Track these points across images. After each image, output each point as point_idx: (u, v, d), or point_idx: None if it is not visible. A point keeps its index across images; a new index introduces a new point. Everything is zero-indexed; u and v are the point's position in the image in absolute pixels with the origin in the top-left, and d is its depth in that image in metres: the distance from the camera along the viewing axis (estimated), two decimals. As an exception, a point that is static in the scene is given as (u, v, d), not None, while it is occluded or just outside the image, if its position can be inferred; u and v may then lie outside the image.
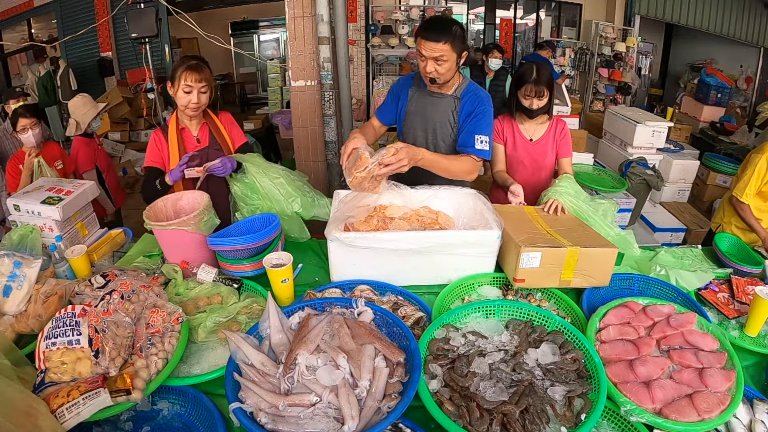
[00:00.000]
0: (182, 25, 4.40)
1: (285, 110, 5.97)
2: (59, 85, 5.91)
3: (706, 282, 1.57)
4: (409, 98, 1.92)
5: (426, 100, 1.88)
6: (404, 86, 1.95)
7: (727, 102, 6.43)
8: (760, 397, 1.13)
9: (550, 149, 2.12)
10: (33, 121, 2.48)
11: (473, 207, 1.69)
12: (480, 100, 1.82)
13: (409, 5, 6.13)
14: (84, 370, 1.02)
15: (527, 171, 2.15)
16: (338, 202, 1.66)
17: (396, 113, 1.98)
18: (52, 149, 2.66)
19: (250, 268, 1.52)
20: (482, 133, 1.79)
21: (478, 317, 1.32)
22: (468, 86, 1.86)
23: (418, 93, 1.90)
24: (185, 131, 1.91)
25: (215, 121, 1.96)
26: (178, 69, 1.77)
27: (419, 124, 1.90)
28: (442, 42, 1.64)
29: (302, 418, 0.95)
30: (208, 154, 1.90)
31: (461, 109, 1.83)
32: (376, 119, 2.03)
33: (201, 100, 1.80)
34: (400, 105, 1.95)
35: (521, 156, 2.13)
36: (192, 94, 1.77)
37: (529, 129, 2.12)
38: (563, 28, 7.49)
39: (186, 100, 1.79)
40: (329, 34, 2.91)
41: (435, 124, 1.88)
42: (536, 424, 0.95)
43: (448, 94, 1.85)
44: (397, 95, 1.97)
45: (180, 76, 1.76)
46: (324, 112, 3.10)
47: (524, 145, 2.12)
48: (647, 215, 3.76)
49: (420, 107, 1.89)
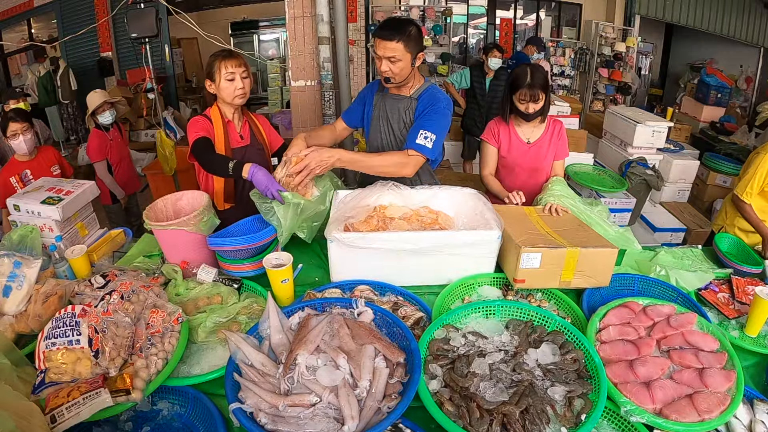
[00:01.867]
0: (182, 25, 4.40)
1: (285, 110, 5.97)
2: (59, 85, 5.91)
3: (706, 282, 1.57)
4: (374, 102, 1.93)
5: (387, 103, 1.89)
6: (371, 90, 1.96)
7: (727, 102, 6.42)
8: (760, 398, 1.13)
9: (548, 151, 2.09)
10: (25, 126, 2.36)
11: (473, 207, 1.69)
12: (435, 100, 1.77)
13: (409, 5, 6.14)
14: (84, 371, 1.02)
15: (524, 173, 2.12)
16: (338, 202, 1.66)
17: (362, 116, 1.99)
18: (47, 153, 2.59)
19: (250, 268, 1.52)
20: (429, 130, 1.70)
21: (478, 317, 1.32)
22: (427, 89, 1.83)
23: (381, 97, 1.91)
24: (230, 125, 1.87)
25: (255, 121, 1.96)
26: (215, 62, 1.75)
27: (383, 126, 1.91)
28: (395, 41, 1.64)
29: (302, 419, 0.95)
30: (250, 151, 1.89)
31: (416, 109, 1.82)
32: (341, 121, 2.03)
33: (246, 86, 1.78)
34: (366, 109, 1.96)
35: (517, 159, 2.10)
36: (236, 80, 1.75)
37: (526, 131, 2.10)
38: (563, 28, 7.49)
39: (232, 88, 1.75)
40: (329, 34, 2.91)
41: (395, 126, 1.89)
42: (536, 424, 0.95)
43: (406, 96, 1.85)
44: (363, 99, 1.98)
45: (219, 67, 1.73)
46: (324, 112, 3.10)
47: (521, 148, 2.09)
48: (647, 215, 3.76)
49: (383, 110, 1.90)
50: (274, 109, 6.86)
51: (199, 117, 1.83)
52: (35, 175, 2.39)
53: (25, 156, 2.42)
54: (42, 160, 2.50)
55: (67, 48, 6.52)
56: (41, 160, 2.49)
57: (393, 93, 1.87)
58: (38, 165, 2.45)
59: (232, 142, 1.85)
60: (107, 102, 3.13)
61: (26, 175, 2.41)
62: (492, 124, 2.13)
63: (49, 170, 2.52)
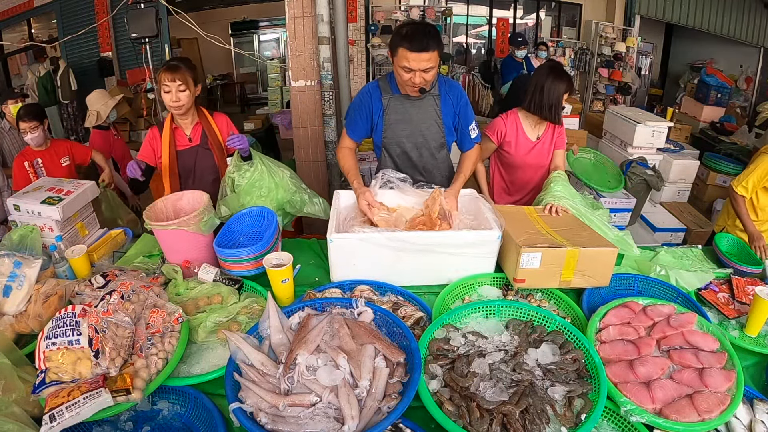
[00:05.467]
0: (182, 25, 4.40)
1: (285, 110, 5.97)
2: (59, 85, 5.91)
3: (706, 282, 1.57)
4: (385, 107, 1.80)
5: (405, 106, 1.80)
6: (373, 97, 1.82)
7: (727, 102, 6.42)
8: (760, 397, 1.13)
9: (550, 147, 2.13)
10: (33, 124, 2.50)
11: (473, 207, 1.69)
12: (458, 90, 1.84)
13: (409, 5, 6.13)
14: (84, 371, 1.02)
15: (531, 170, 2.15)
16: (338, 203, 1.66)
17: (370, 127, 1.86)
18: (58, 146, 2.70)
19: (250, 267, 1.52)
20: (472, 122, 1.89)
21: (478, 317, 1.32)
22: (439, 80, 1.81)
23: (393, 100, 1.80)
24: (178, 131, 1.95)
25: (209, 121, 1.99)
26: (158, 73, 1.84)
27: (404, 131, 1.83)
28: (432, 50, 1.56)
29: (302, 418, 0.95)
30: (197, 152, 1.96)
31: (442, 104, 1.81)
32: (350, 140, 1.90)
33: (181, 99, 1.83)
34: (375, 118, 1.83)
35: (524, 156, 2.12)
36: (171, 93, 1.81)
37: (537, 129, 2.12)
38: (563, 28, 7.49)
39: (167, 100, 1.83)
40: (329, 34, 2.91)
41: (422, 126, 1.83)
42: (536, 424, 0.95)
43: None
44: (368, 108, 1.83)
45: (159, 78, 1.83)
46: (324, 112, 3.10)
47: (527, 145, 2.10)
48: (647, 215, 3.76)
49: (400, 113, 1.81)
50: (274, 109, 6.86)
51: (152, 129, 1.98)
52: (45, 164, 2.56)
53: (38, 147, 2.57)
54: (53, 152, 2.63)
55: (67, 48, 6.51)
56: (52, 152, 2.62)
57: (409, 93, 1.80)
58: (49, 156, 2.60)
59: (179, 144, 1.96)
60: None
61: (37, 163, 2.56)
62: (500, 123, 2.12)
63: (59, 162, 2.63)
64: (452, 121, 1.86)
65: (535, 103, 2.00)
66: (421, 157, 1.89)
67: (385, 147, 1.89)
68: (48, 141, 2.62)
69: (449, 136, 1.90)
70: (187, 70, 1.85)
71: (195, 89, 1.89)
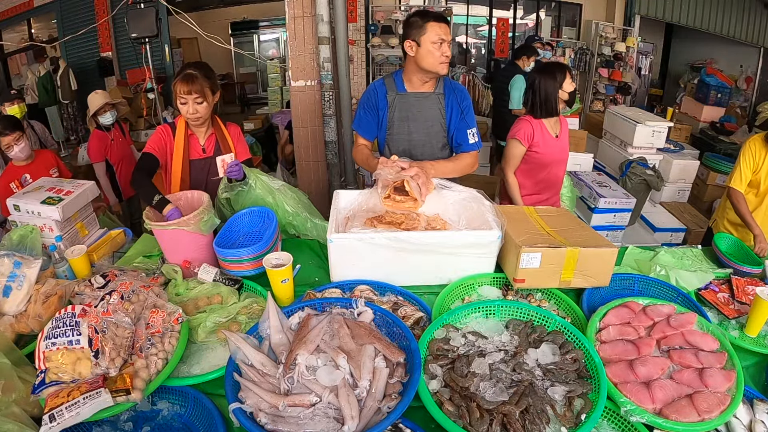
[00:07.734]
0: (182, 25, 4.40)
1: (285, 110, 5.97)
2: (59, 85, 5.91)
3: (706, 282, 1.57)
4: (390, 105, 1.83)
5: (410, 103, 1.81)
6: (379, 94, 1.84)
7: (727, 102, 6.42)
8: (760, 397, 1.13)
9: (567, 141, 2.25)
10: (16, 135, 2.31)
11: (473, 207, 1.69)
12: (461, 92, 1.86)
13: (409, 5, 6.13)
14: (84, 371, 1.02)
15: (556, 166, 2.22)
16: (338, 203, 1.66)
17: (377, 124, 1.89)
18: (45, 157, 2.57)
19: (250, 267, 1.52)
20: (473, 126, 1.86)
21: (478, 317, 1.32)
22: (444, 81, 1.86)
23: (398, 97, 1.82)
24: (193, 138, 1.88)
25: (224, 132, 1.93)
26: (174, 83, 1.74)
27: (409, 128, 1.85)
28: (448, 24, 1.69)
29: (302, 419, 0.95)
30: (210, 164, 1.89)
31: (446, 104, 1.84)
32: (363, 139, 1.92)
33: (198, 111, 1.76)
34: (380, 115, 1.86)
35: (551, 154, 2.18)
36: (187, 105, 1.74)
37: (555, 126, 2.20)
38: (563, 28, 7.49)
39: (184, 111, 1.76)
40: (329, 34, 2.91)
41: (426, 124, 1.85)
42: (536, 424, 0.95)
43: (431, 92, 1.82)
44: (374, 106, 1.86)
45: (175, 88, 1.73)
46: (324, 112, 3.10)
47: (552, 143, 2.17)
48: (647, 215, 3.76)
49: (405, 111, 1.83)
50: (274, 109, 6.87)
51: (164, 127, 1.85)
52: (35, 178, 2.34)
53: (24, 161, 2.42)
54: (40, 164, 2.48)
55: (67, 48, 6.51)
56: (39, 164, 2.47)
57: (415, 91, 1.82)
58: (37, 168, 2.44)
59: (192, 153, 1.87)
60: (108, 103, 3.13)
61: (26, 180, 2.40)
62: (526, 126, 2.14)
63: (49, 173, 2.51)
64: (456, 121, 1.87)
65: (538, 107, 2.11)
66: (424, 156, 1.90)
67: (388, 144, 1.92)
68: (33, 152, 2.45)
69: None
70: (205, 79, 1.75)
71: (213, 98, 1.80)
